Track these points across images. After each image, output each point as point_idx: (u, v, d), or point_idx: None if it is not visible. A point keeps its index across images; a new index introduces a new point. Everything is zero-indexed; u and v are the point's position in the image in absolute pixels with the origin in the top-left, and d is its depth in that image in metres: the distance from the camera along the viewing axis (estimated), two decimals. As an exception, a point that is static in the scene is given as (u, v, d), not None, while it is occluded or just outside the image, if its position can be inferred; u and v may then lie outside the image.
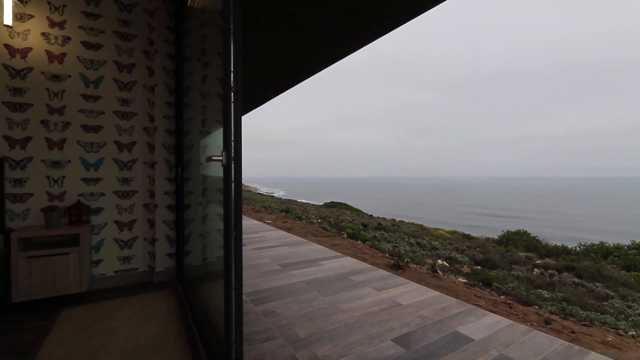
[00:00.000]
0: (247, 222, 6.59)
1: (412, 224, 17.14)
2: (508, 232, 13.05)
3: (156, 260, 2.78)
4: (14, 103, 2.37)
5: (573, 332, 2.57)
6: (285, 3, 2.66)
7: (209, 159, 1.42)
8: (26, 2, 2.43)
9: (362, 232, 6.94)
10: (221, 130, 2.26)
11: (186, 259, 2.77)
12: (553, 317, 2.98)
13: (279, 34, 3.23)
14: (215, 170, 2.27)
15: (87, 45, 2.62)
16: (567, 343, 2.02)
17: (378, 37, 3.31)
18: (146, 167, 2.84)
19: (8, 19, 2.27)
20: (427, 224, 18.29)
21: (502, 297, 3.69)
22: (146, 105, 2.85)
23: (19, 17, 2.40)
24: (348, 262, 3.72)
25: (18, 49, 2.40)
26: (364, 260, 4.07)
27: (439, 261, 6.38)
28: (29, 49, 2.43)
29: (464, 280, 4.48)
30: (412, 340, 1.98)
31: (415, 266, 4.24)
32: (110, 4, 2.72)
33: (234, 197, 1.34)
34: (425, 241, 9.01)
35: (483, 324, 2.23)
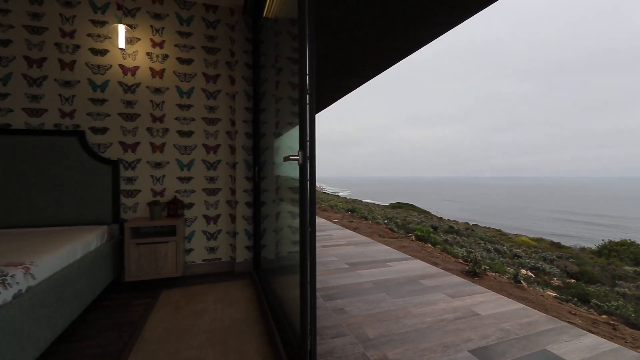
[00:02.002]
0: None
1: (489, 228, 15.68)
2: (610, 242, 11.09)
3: (237, 252, 3.05)
4: (126, 114, 2.84)
5: None
6: (353, 9, 2.69)
7: (287, 159, 1.51)
8: (134, 27, 2.88)
9: (431, 234, 6.61)
10: (291, 131, 2.38)
11: (262, 252, 2.97)
12: (678, 347, 2.45)
13: (347, 36, 3.26)
14: (287, 169, 2.39)
15: (181, 60, 3.00)
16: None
17: (452, 27, 3.12)
18: (228, 167, 3.13)
19: (122, 43, 2.71)
20: (506, 230, 16.54)
21: (603, 316, 3.17)
22: (228, 111, 3.14)
23: (129, 41, 2.86)
24: (418, 265, 3.58)
25: (129, 67, 2.86)
26: (435, 264, 3.87)
27: (522, 271, 5.73)
28: (137, 67, 2.88)
29: (554, 294, 3.95)
30: (493, 354, 1.83)
31: (493, 274, 3.88)
32: (199, 22, 3.06)
33: (309, 195, 1.40)
34: (504, 248, 8.18)
35: (580, 344, 1.95)
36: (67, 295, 1.80)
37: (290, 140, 2.40)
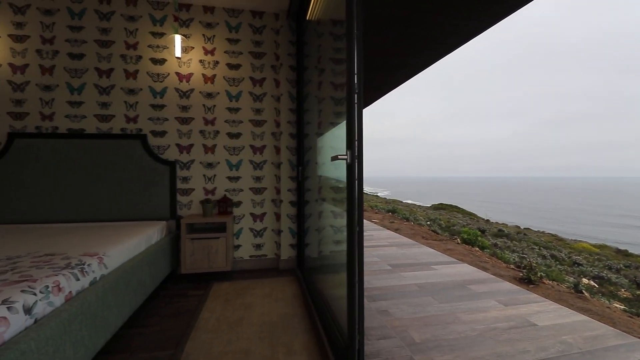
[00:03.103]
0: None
1: (543, 233, 14.49)
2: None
3: (281, 249, 3.15)
4: (182, 118, 3.05)
5: None
6: (401, 4, 2.63)
7: (335, 158, 1.52)
8: (189, 37, 3.08)
9: (479, 237, 6.26)
10: (334, 131, 2.39)
11: (305, 250, 3.03)
12: None
13: (394, 32, 3.20)
14: (330, 169, 2.41)
15: (230, 66, 3.15)
16: None
17: (502, 18, 2.94)
18: (273, 167, 3.24)
19: (178, 52, 2.91)
20: (562, 235, 15.15)
21: (688, 336, 2.78)
22: (273, 113, 3.24)
23: (184, 50, 3.06)
24: (465, 270, 3.42)
25: (184, 74, 3.06)
26: (484, 269, 3.67)
27: (584, 280, 5.23)
28: (191, 74, 3.07)
29: (623, 307, 3.56)
30: (554, 368, 1.70)
31: (551, 283, 3.59)
32: (246, 28, 3.19)
33: (357, 194, 1.41)
34: (562, 254, 7.52)
35: (660, 366, 1.74)
36: (133, 284, 1.98)
37: (333, 140, 2.42)
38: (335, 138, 2.36)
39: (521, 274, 3.49)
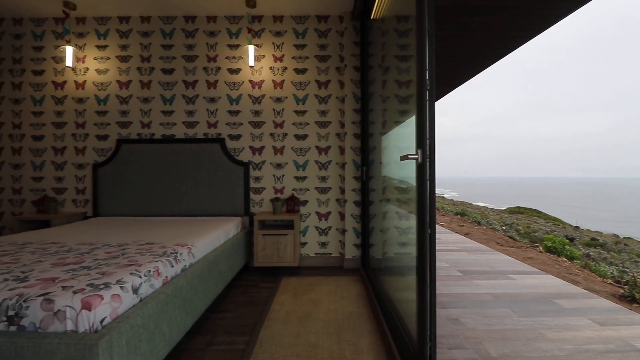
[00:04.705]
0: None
1: (652, 243, 12.13)
2: None
3: (345, 248, 3.19)
4: (254, 122, 3.28)
5: None
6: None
7: (404, 158, 1.49)
8: (260, 46, 3.29)
9: (567, 246, 5.53)
10: (398, 130, 2.34)
11: (370, 251, 3.03)
12: None
13: (467, 22, 3.02)
14: (395, 169, 2.36)
15: (297, 71, 3.30)
16: None
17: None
18: (338, 167, 3.30)
19: (251, 61, 3.14)
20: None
21: None
22: (338, 114, 3.30)
23: (256, 59, 3.29)
24: (550, 282, 3.06)
25: (256, 82, 3.29)
26: (575, 282, 3.24)
27: None
28: (262, 81, 3.29)
29: None
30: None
31: (665, 303, 3.01)
32: (312, 33, 3.30)
33: (429, 195, 1.37)
34: (680, 271, 6.21)
35: None
36: (215, 273, 2.20)
37: (397, 139, 2.37)
38: (400, 137, 2.31)
39: (622, 291, 3.01)
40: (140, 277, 1.43)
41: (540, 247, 5.33)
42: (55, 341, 1.04)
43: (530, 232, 7.54)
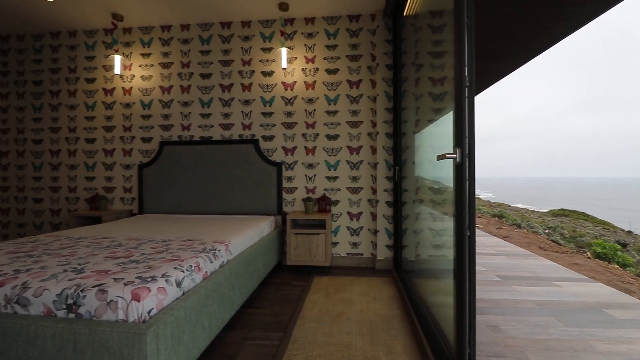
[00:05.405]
0: (452, 224, 6.27)
1: None
2: None
3: (377, 249, 3.16)
4: (287, 123, 3.34)
5: None
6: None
7: (442, 157, 1.46)
8: (292, 48, 3.35)
9: (619, 252, 5.09)
10: (432, 129, 2.27)
11: (403, 252, 2.97)
12: None
13: (508, 14, 2.88)
14: (428, 169, 2.30)
15: (328, 71, 3.31)
16: None
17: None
18: (369, 167, 3.27)
19: (284, 64, 3.20)
20: None
21: None
22: (369, 114, 3.27)
23: (289, 61, 3.35)
24: (601, 290, 2.83)
25: (289, 83, 3.35)
26: (628, 292, 2.98)
27: None
28: (294, 83, 3.34)
29: None
30: None
31: None
32: (343, 33, 3.30)
33: (468, 195, 1.32)
34: None
35: None
36: (250, 270, 2.27)
37: (431, 139, 2.31)
38: (434, 136, 2.25)
39: (689, 304, 2.71)
40: (183, 271, 1.51)
41: (589, 253, 4.96)
42: (109, 329, 1.13)
43: (576, 237, 7.03)
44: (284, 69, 3.29)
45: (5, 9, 3.16)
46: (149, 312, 1.21)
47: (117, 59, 3.35)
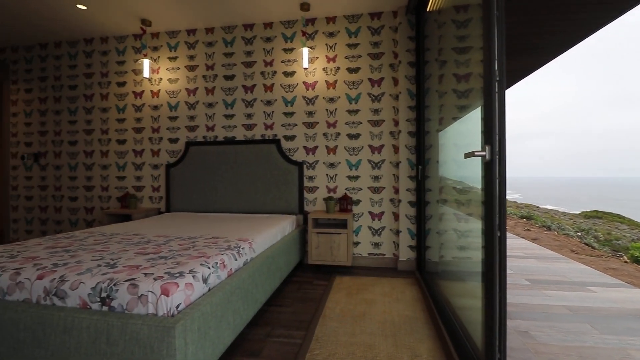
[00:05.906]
0: (479, 226, 6.08)
1: None
2: None
3: (399, 250, 3.11)
4: (308, 122, 3.36)
5: None
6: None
7: (470, 155, 1.41)
8: (314, 48, 3.35)
9: (662, 257, 4.75)
10: (456, 127, 2.21)
11: (426, 253, 2.91)
12: None
13: (538, 5, 2.75)
14: (453, 168, 2.24)
15: (349, 70, 3.30)
16: None
17: None
18: (391, 166, 3.23)
19: (306, 64, 3.21)
20: None
21: None
22: (391, 112, 3.23)
23: (310, 61, 3.35)
24: (639, 296, 2.66)
25: (310, 83, 3.36)
26: (673, 299, 2.77)
27: None
28: (316, 82, 3.35)
29: None
30: None
31: None
32: (365, 31, 3.27)
33: (499, 195, 1.28)
34: None
35: None
36: (273, 268, 2.29)
37: (456, 136, 2.25)
38: (459, 134, 2.19)
39: None
40: (209, 268, 1.54)
41: (625, 257, 4.67)
42: (139, 322, 1.17)
43: (611, 240, 6.63)
44: (306, 68, 3.30)
45: (43, 16, 3.36)
46: (177, 307, 1.25)
47: (146, 63, 3.49)
